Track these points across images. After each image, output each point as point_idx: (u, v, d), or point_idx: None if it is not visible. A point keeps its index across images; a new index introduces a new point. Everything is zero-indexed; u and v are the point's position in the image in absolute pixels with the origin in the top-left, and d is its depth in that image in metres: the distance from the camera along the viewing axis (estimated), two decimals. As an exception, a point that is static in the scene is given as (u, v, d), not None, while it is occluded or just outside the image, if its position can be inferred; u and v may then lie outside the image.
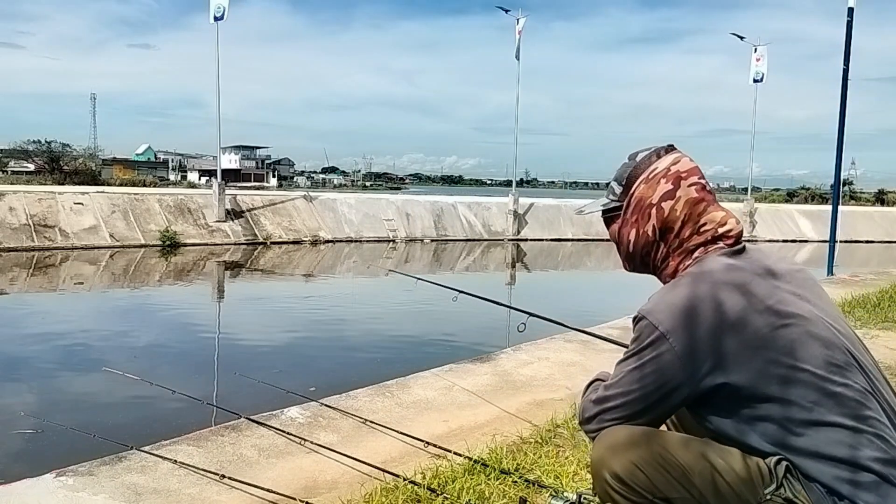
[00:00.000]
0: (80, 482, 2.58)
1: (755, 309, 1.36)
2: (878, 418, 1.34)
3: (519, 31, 26.08)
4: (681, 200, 1.49)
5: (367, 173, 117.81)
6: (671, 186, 1.50)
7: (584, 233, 25.53)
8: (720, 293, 1.37)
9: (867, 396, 1.35)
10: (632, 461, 1.39)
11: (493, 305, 3.51)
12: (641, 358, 1.41)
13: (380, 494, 2.47)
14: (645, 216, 1.53)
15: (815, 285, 1.50)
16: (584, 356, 4.90)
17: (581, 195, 48.54)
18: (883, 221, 30.58)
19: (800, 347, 1.34)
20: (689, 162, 1.54)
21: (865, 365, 1.40)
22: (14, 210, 17.43)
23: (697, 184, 1.51)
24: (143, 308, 11.47)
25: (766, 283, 1.41)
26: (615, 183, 1.60)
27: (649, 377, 1.40)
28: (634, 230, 1.55)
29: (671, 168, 1.52)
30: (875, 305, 7.04)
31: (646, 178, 1.53)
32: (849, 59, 9.69)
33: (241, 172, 76.48)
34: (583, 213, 1.71)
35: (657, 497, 1.38)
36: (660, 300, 1.42)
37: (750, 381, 1.34)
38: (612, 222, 1.62)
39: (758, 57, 28.12)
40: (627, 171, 1.58)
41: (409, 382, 4.10)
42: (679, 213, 1.49)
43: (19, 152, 44.30)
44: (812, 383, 1.33)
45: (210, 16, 20.58)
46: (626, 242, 1.58)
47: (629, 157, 1.61)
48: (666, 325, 1.37)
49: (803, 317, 1.37)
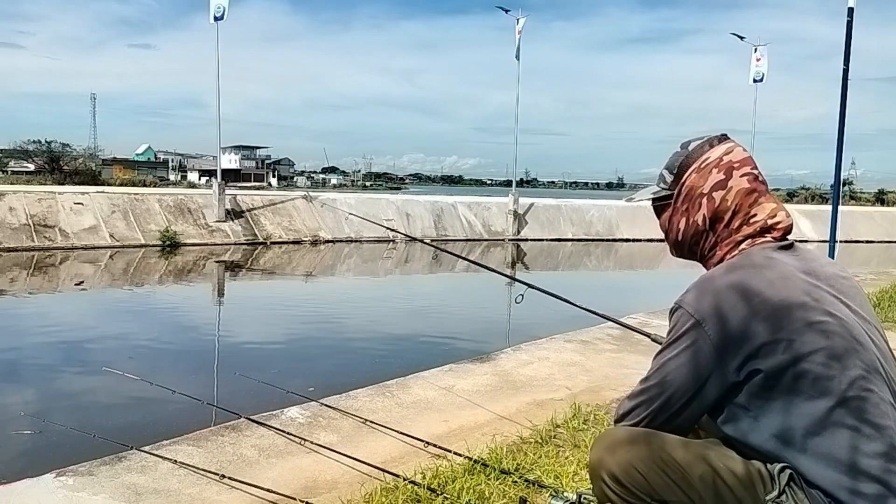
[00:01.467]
0: (80, 482, 2.58)
1: (791, 304, 1.33)
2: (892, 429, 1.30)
3: (519, 31, 26.06)
4: (732, 191, 1.48)
5: (367, 173, 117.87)
6: (723, 176, 1.49)
7: (584, 233, 25.54)
8: (758, 285, 1.35)
9: (888, 406, 1.32)
10: (630, 462, 1.38)
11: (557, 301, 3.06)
12: (677, 347, 1.39)
13: (380, 494, 2.47)
14: (696, 205, 1.52)
15: (858, 293, 1.46)
16: (585, 356, 4.91)
17: (581, 195, 48.57)
18: (883, 221, 30.57)
19: (830, 348, 1.31)
20: (742, 152, 1.53)
21: (893, 377, 1.37)
22: (14, 210, 17.43)
23: (750, 174, 1.50)
24: (144, 308, 11.47)
25: (806, 280, 1.39)
26: (666, 171, 1.59)
27: (685, 367, 1.37)
28: (684, 219, 1.55)
29: (724, 158, 1.51)
30: (875, 305, 7.05)
31: (698, 168, 1.52)
32: (849, 59, 9.68)
33: (241, 172, 76.46)
34: (633, 200, 1.71)
35: (654, 499, 1.37)
36: (696, 289, 1.41)
37: (775, 376, 1.31)
38: (662, 211, 1.61)
39: (758, 57, 28.10)
40: (679, 159, 1.57)
41: (409, 382, 4.10)
42: (730, 204, 1.48)
43: (19, 152, 44.23)
44: (834, 385, 1.30)
45: (210, 16, 20.56)
46: (676, 231, 1.57)
47: (681, 145, 1.60)
48: (701, 313, 1.36)
49: (839, 318, 1.35)
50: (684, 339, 1.37)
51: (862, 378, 1.31)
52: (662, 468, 1.36)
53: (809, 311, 1.34)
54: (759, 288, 1.35)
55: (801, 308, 1.33)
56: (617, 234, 25.69)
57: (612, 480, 1.40)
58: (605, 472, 1.41)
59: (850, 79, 9.33)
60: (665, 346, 1.43)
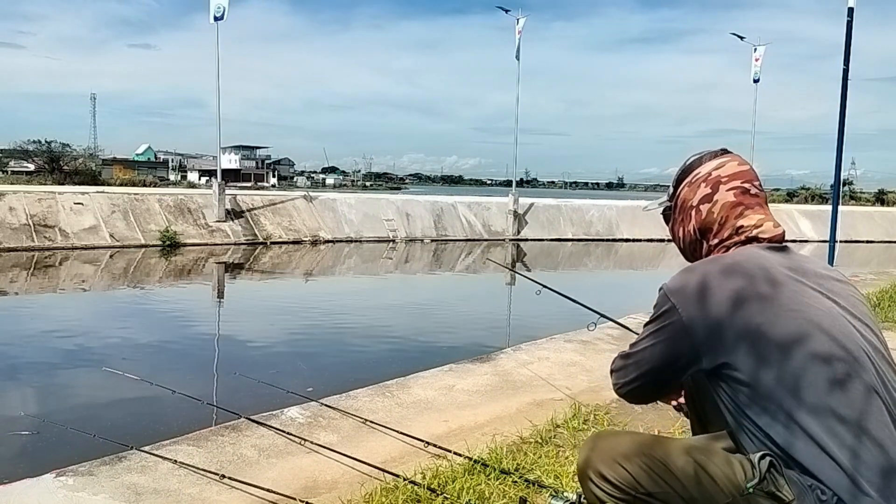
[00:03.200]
0: (80, 482, 2.58)
1: (767, 295, 1.39)
2: (874, 421, 1.32)
3: (519, 31, 26.08)
4: (718, 203, 1.58)
5: (367, 173, 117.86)
6: (710, 190, 1.59)
7: (584, 233, 25.55)
8: (734, 274, 1.43)
9: (869, 400, 1.33)
10: (615, 459, 1.44)
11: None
12: (657, 325, 1.50)
13: (380, 494, 2.47)
14: (688, 217, 1.64)
15: (851, 294, 1.49)
16: (584, 356, 4.91)
17: (581, 195, 48.54)
18: (883, 221, 30.58)
19: (806, 339, 1.35)
20: (735, 166, 1.61)
21: (878, 370, 1.38)
22: (14, 210, 17.43)
23: (738, 188, 1.58)
24: (144, 308, 11.48)
25: (789, 275, 1.44)
26: (671, 185, 1.73)
27: (660, 345, 1.49)
28: (682, 228, 1.67)
29: (713, 173, 1.61)
30: (875, 305, 7.05)
31: (689, 182, 1.64)
32: (849, 59, 9.68)
33: (241, 172, 76.44)
34: (647, 210, 1.85)
35: (640, 493, 1.41)
36: (679, 274, 1.51)
37: (750, 366, 1.36)
38: (668, 220, 1.75)
39: (757, 57, 28.14)
40: (677, 173, 1.71)
41: (409, 382, 4.10)
42: (716, 216, 1.58)
43: (19, 152, 44.20)
44: (809, 377, 1.33)
45: (210, 16, 20.57)
46: (677, 239, 1.71)
47: (685, 160, 1.72)
48: (677, 297, 1.45)
49: (819, 310, 1.39)
50: (661, 319, 1.48)
51: (839, 370, 1.34)
52: (646, 462, 1.42)
53: (784, 302, 1.39)
54: (734, 278, 1.42)
55: (776, 300, 1.39)
56: (617, 234, 25.71)
57: (598, 478, 1.45)
58: (591, 472, 1.47)
59: (850, 79, 9.33)
60: (649, 321, 1.54)
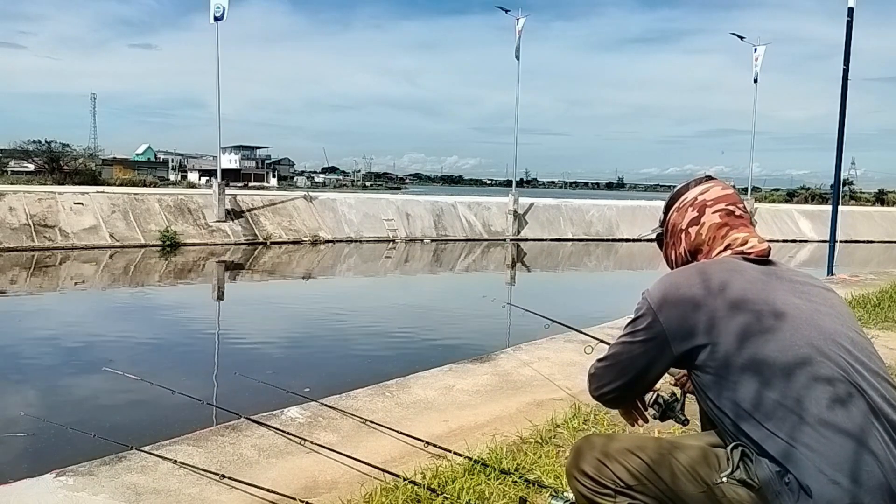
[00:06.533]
0: (80, 482, 2.58)
1: (738, 295, 1.48)
2: (850, 417, 1.36)
3: (519, 31, 26.08)
4: (705, 226, 1.69)
5: (367, 173, 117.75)
6: (696, 214, 1.71)
7: (584, 233, 25.56)
8: (709, 278, 1.52)
9: (850, 397, 1.37)
10: (598, 459, 1.56)
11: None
12: (635, 326, 1.59)
13: (380, 494, 2.47)
14: (678, 240, 1.75)
15: (827, 297, 1.56)
16: (584, 356, 4.90)
17: (581, 195, 48.56)
18: (883, 221, 30.59)
19: (774, 338, 1.43)
20: (718, 190, 1.72)
21: (855, 365, 1.42)
22: (14, 210, 17.43)
23: (722, 210, 1.69)
24: (144, 308, 11.48)
25: (763, 278, 1.53)
26: (661, 212, 1.84)
27: (637, 344, 1.58)
28: (673, 252, 1.78)
29: (698, 197, 1.72)
30: (875, 305, 7.04)
31: (677, 208, 1.76)
32: (849, 59, 9.70)
33: (241, 172, 76.40)
34: (641, 239, 2.04)
35: (620, 488, 1.52)
36: (660, 280, 1.61)
37: (721, 362, 1.45)
38: (661, 245, 1.86)
39: (757, 57, 28.15)
40: (666, 201, 1.82)
41: (409, 382, 4.10)
42: (704, 237, 1.69)
43: (19, 152, 44.14)
44: (778, 372, 1.40)
45: (210, 16, 20.58)
46: (670, 262, 1.81)
47: (672, 189, 1.84)
48: (655, 299, 1.55)
49: (785, 302, 1.48)
50: (640, 320, 1.57)
51: (808, 365, 1.40)
52: (627, 459, 1.53)
53: (755, 302, 1.47)
54: (708, 280, 1.52)
55: (746, 299, 1.47)
56: (617, 234, 25.70)
57: (583, 476, 1.56)
58: (576, 471, 1.58)
59: (850, 79, 9.35)
60: (628, 323, 1.62)
